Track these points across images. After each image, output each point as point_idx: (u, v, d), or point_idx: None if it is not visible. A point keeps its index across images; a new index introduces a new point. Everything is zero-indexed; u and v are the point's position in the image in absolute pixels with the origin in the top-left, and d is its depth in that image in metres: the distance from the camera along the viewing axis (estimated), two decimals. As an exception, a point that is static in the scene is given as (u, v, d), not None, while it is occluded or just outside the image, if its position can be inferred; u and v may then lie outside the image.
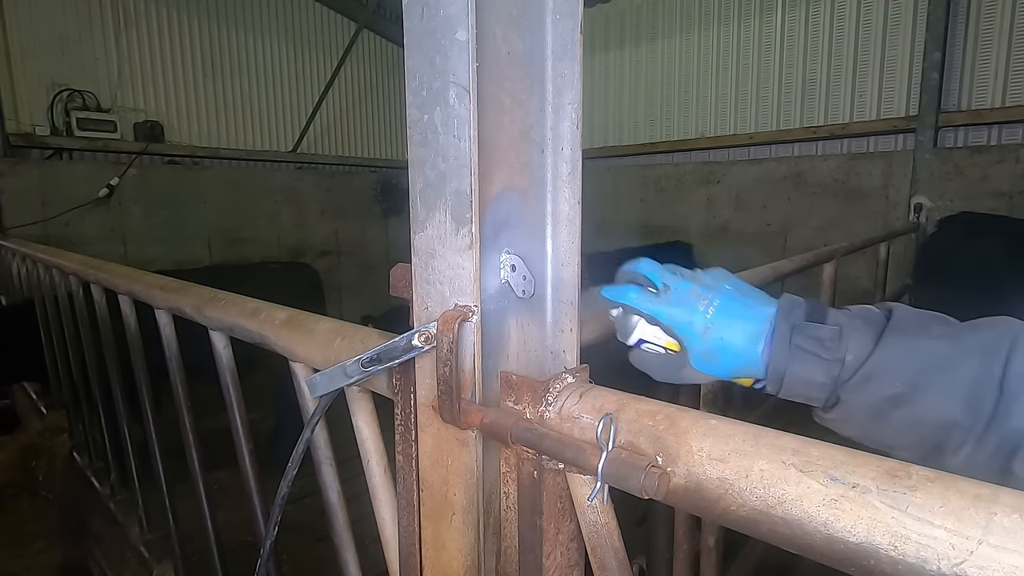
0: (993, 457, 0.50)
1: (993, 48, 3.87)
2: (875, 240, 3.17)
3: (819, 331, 0.56)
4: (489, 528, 0.64)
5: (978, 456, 0.50)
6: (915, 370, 0.52)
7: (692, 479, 0.46)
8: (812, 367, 0.55)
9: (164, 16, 5.30)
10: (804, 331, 0.56)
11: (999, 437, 0.49)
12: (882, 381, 0.53)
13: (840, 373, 0.55)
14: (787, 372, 0.57)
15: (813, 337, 0.56)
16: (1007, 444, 0.49)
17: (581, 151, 0.65)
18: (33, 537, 2.75)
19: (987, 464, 0.50)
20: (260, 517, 1.23)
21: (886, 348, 0.54)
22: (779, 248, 4.83)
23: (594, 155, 6.05)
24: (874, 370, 0.53)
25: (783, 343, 0.57)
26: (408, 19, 0.57)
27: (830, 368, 0.55)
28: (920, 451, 0.54)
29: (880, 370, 0.53)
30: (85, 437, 2.57)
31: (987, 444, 0.50)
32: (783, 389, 0.58)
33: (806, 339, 0.56)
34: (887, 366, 0.53)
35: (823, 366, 0.55)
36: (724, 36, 5.14)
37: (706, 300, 0.62)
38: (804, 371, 0.56)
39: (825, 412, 0.58)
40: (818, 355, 0.55)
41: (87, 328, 2.11)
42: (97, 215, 4.82)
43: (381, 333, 0.77)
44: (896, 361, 0.53)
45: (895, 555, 0.35)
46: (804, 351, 0.56)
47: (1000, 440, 0.49)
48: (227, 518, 1.60)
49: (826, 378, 0.55)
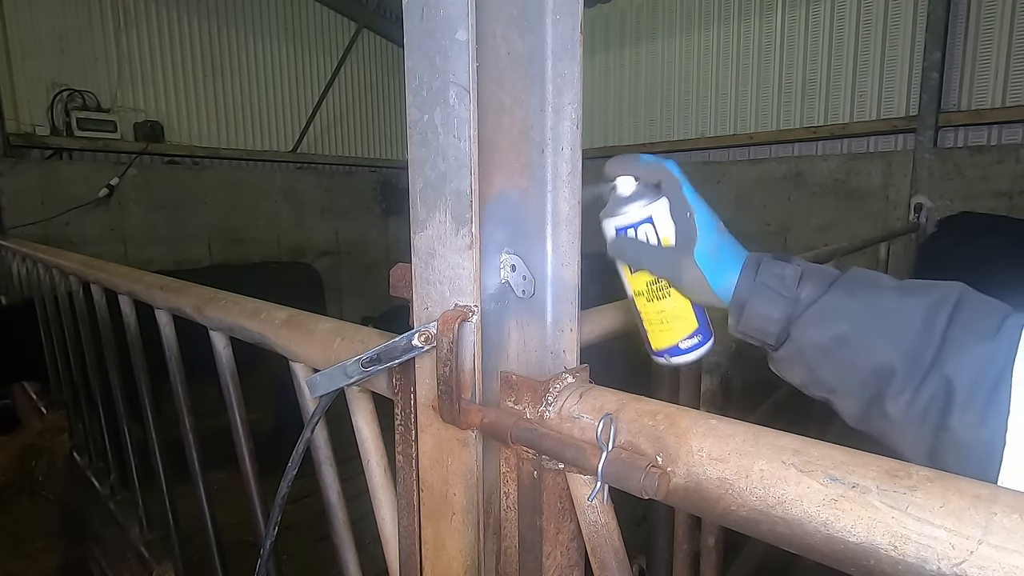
0: (928, 409, 0.51)
1: (993, 48, 3.87)
2: (875, 240, 3.17)
3: (782, 269, 0.60)
4: (489, 528, 0.64)
5: (915, 406, 0.52)
6: (862, 313, 0.55)
7: (692, 479, 0.46)
8: (770, 302, 0.59)
9: (164, 16, 5.30)
10: (769, 268, 0.60)
11: (933, 388, 0.51)
12: (830, 319, 0.56)
13: (794, 310, 0.58)
14: (747, 304, 0.60)
15: (776, 275, 0.60)
16: (940, 396, 0.50)
17: (581, 151, 0.65)
18: (33, 537, 2.75)
19: (923, 416, 0.51)
20: (260, 517, 1.23)
21: (838, 290, 0.57)
22: (779, 248, 4.82)
23: (594, 155, 6.04)
24: (825, 308, 0.57)
25: (748, 276, 0.61)
26: (408, 19, 0.57)
27: (786, 305, 0.58)
28: (862, 397, 0.55)
29: (830, 308, 0.56)
30: (85, 437, 2.57)
31: (923, 394, 0.51)
32: (742, 321, 0.61)
33: (769, 276, 0.60)
34: (837, 306, 0.56)
35: (780, 302, 0.59)
36: (724, 36, 5.14)
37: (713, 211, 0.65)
38: (763, 305, 0.59)
39: (776, 351, 0.61)
40: (777, 292, 0.59)
41: (87, 328, 2.11)
42: (97, 215, 4.81)
43: (381, 333, 0.77)
44: (846, 303, 0.56)
45: (895, 555, 0.35)
46: (766, 287, 0.60)
47: (934, 390, 0.51)
48: (227, 518, 1.60)
49: (781, 314, 0.58)
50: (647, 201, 0.64)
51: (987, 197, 3.84)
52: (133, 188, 4.99)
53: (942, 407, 0.50)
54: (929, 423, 0.51)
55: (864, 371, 0.54)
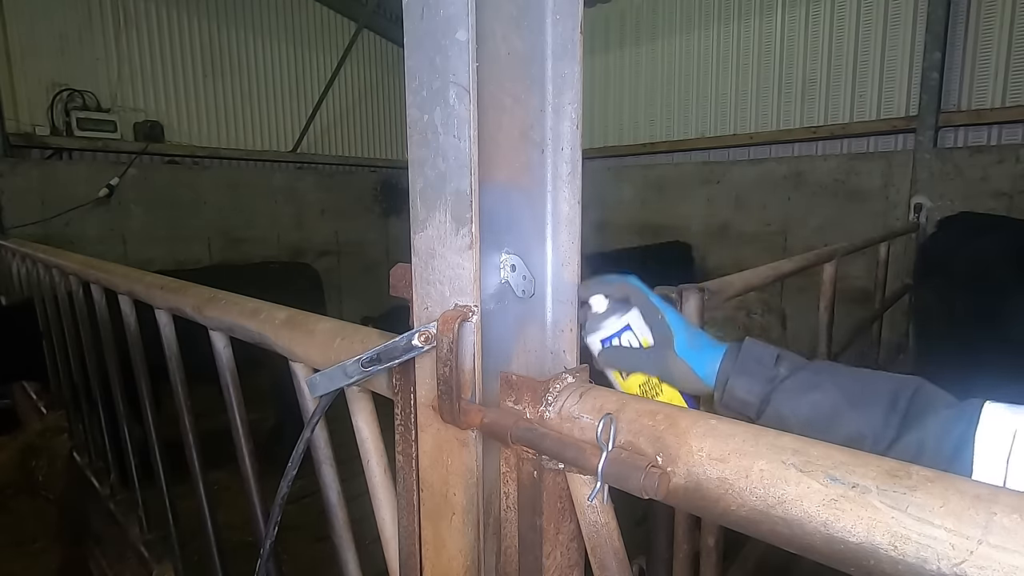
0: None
1: (993, 48, 3.87)
2: (875, 240, 3.17)
3: (761, 351, 0.69)
4: (489, 528, 0.64)
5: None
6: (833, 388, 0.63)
7: (692, 479, 0.46)
8: (752, 378, 0.67)
9: (164, 16, 5.30)
10: (749, 350, 0.69)
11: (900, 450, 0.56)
12: (805, 390, 0.64)
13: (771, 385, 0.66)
14: (730, 380, 0.68)
15: (755, 355, 0.68)
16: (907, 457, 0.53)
17: (581, 151, 0.65)
18: (33, 537, 2.75)
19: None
20: (260, 517, 1.23)
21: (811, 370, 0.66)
22: (779, 248, 4.82)
23: (594, 155, 6.04)
24: (800, 381, 0.65)
25: (731, 358, 0.69)
26: (408, 19, 0.57)
27: (765, 380, 0.66)
28: None
29: (805, 382, 0.64)
30: (85, 437, 2.57)
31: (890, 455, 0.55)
32: (725, 395, 0.68)
33: (749, 356, 0.68)
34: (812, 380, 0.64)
35: (760, 378, 0.67)
36: (724, 36, 5.14)
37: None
38: (745, 382, 0.67)
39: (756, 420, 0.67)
40: (758, 368, 0.67)
41: (87, 328, 2.11)
42: (97, 215, 4.81)
43: (381, 333, 0.77)
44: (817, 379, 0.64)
45: (895, 555, 0.35)
46: (746, 365, 0.68)
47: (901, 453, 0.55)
48: (227, 518, 1.60)
49: (761, 388, 0.66)
50: (622, 312, 0.72)
51: (987, 197, 3.84)
52: (133, 188, 4.99)
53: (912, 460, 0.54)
54: None
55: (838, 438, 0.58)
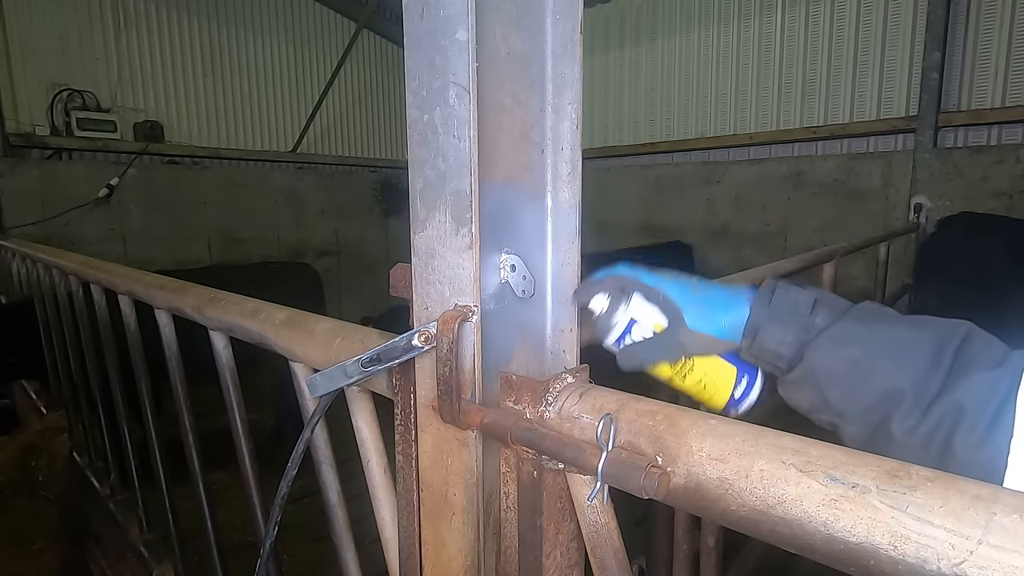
0: (934, 432, 0.52)
1: (993, 48, 3.87)
2: (875, 240, 3.17)
3: (796, 295, 0.62)
4: (489, 528, 0.64)
5: (921, 429, 0.53)
6: (875, 340, 0.57)
7: (692, 479, 0.46)
8: (784, 327, 0.61)
9: (164, 16, 5.29)
10: (784, 295, 0.62)
11: (941, 412, 0.52)
12: (844, 343, 0.58)
13: (807, 334, 0.60)
14: (761, 329, 0.62)
15: (790, 300, 0.62)
16: (948, 419, 0.52)
17: (581, 151, 0.65)
18: (33, 537, 2.75)
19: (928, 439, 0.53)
20: (260, 517, 1.23)
21: (851, 318, 0.59)
22: (779, 248, 4.82)
23: (594, 155, 6.04)
24: (838, 333, 0.58)
25: (763, 304, 0.63)
26: (408, 19, 0.57)
27: (799, 329, 0.60)
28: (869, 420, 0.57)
29: (843, 333, 0.58)
30: (85, 437, 2.57)
31: (930, 418, 0.53)
32: (755, 344, 0.62)
33: (783, 302, 0.62)
34: (850, 331, 0.58)
35: (794, 326, 0.60)
36: (724, 36, 5.14)
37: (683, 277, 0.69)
38: (777, 330, 0.61)
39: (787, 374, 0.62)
40: (791, 316, 0.61)
41: (87, 328, 2.11)
42: (97, 215, 4.81)
43: (381, 333, 0.77)
44: (859, 329, 0.58)
45: (895, 555, 0.35)
46: (780, 312, 0.61)
47: (942, 414, 0.52)
48: (227, 518, 1.61)
49: (795, 338, 0.60)
50: (624, 307, 0.68)
51: (987, 197, 3.84)
52: (133, 188, 4.99)
53: (948, 431, 0.52)
54: (934, 446, 0.53)
55: (874, 395, 0.56)
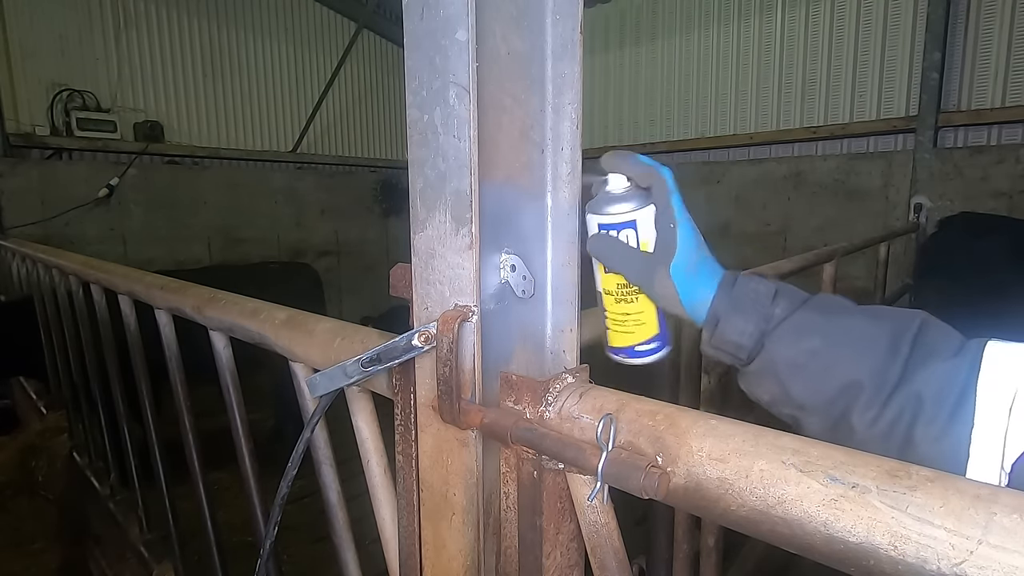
0: (894, 424, 0.53)
1: (993, 48, 3.87)
2: (875, 240, 3.17)
3: (756, 285, 0.62)
4: (489, 528, 0.64)
5: (881, 421, 0.53)
6: (833, 331, 0.58)
7: (692, 479, 0.46)
8: (745, 317, 0.61)
9: (164, 16, 5.29)
10: (744, 285, 0.62)
11: (900, 403, 0.53)
12: (803, 334, 0.58)
13: (768, 325, 0.60)
14: (722, 319, 0.62)
15: (751, 290, 0.61)
16: (907, 411, 0.52)
17: (581, 151, 0.65)
18: (33, 537, 2.75)
19: (888, 431, 0.53)
20: (260, 517, 1.23)
21: (810, 308, 0.60)
22: (779, 248, 4.82)
23: (594, 155, 5.97)
24: (798, 323, 0.59)
25: (725, 294, 0.62)
26: (408, 19, 0.57)
27: (760, 319, 0.60)
28: (830, 414, 0.57)
29: (803, 324, 0.59)
30: (85, 437, 2.57)
31: (889, 409, 0.53)
32: (715, 335, 0.62)
33: (744, 292, 0.62)
34: (809, 322, 0.59)
35: (754, 317, 0.60)
36: (724, 36, 5.14)
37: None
38: (738, 321, 0.61)
39: (747, 366, 0.62)
40: (752, 307, 0.61)
41: (87, 328, 2.11)
42: (97, 215, 4.81)
43: (381, 333, 0.77)
44: (818, 320, 0.59)
45: (895, 555, 0.35)
46: (741, 302, 0.61)
47: (901, 405, 0.53)
48: (227, 518, 1.60)
49: (755, 328, 0.60)
50: (635, 205, 0.63)
51: (987, 197, 3.84)
52: (133, 188, 4.99)
53: (908, 422, 0.52)
54: (895, 438, 0.53)
55: (834, 387, 0.56)
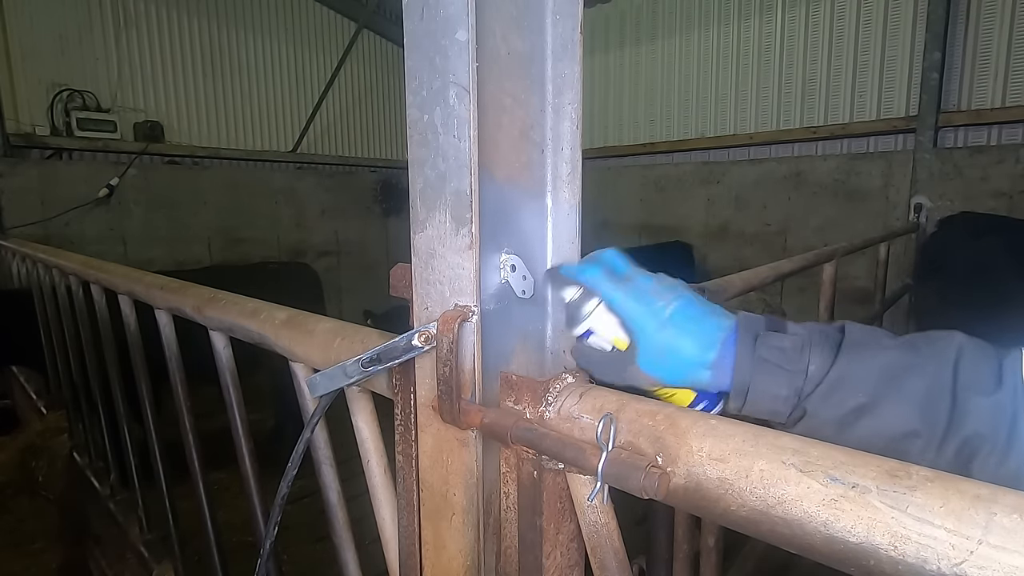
0: (951, 464, 0.50)
1: (993, 48, 3.87)
2: (875, 240, 3.17)
3: (781, 341, 0.55)
4: (489, 528, 0.64)
5: (939, 464, 0.51)
6: (875, 379, 0.52)
7: (692, 479, 0.46)
8: (777, 379, 0.54)
9: (164, 16, 5.29)
10: (767, 341, 0.55)
11: (956, 444, 0.50)
12: (846, 391, 0.52)
13: (804, 385, 0.54)
14: (751, 385, 0.55)
15: (776, 348, 0.54)
16: (964, 451, 0.50)
17: (581, 151, 0.65)
18: (33, 537, 2.75)
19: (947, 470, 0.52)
20: (260, 517, 1.23)
21: (847, 358, 0.53)
22: (779, 248, 4.82)
23: (594, 155, 6.04)
24: (838, 380, 0.53)
25: (747, 354, 0.55)
26: (408, 19, 0.57)
27: (793, 380, 0.54)
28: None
29: (843, 380, 0.53)
30: (85, 437, 2.57)
31: (946, 451, 0.51)
32: (747, 404, 0.55)
33: (769, 350, 0.54)
34: (850, 376, 0.53)
35: (787, 377, 0.54)
36: (724, 36, 5.14)
37: (665, 300, 0.59)
38: (769, 384, 0.54)
39: (789, 428, 0.55)
40: (781, 366, 0.54)
41: (87, 328, 2.11)
42: (97, 215, 4.81)
43: (381, 333, 0.77)
44: (857, 371, 0.53)
45: (895, 555, 0.35)
46: (768, 362, 0.54)
47: (958, 447, 0.50)
48: (227, 518, 1.60)
49: (790, 391, 0.54)
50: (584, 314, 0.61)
51: (987, 197, 3.84)
52: (133, 188, 4.99)
53: (965, 460, 0.50)
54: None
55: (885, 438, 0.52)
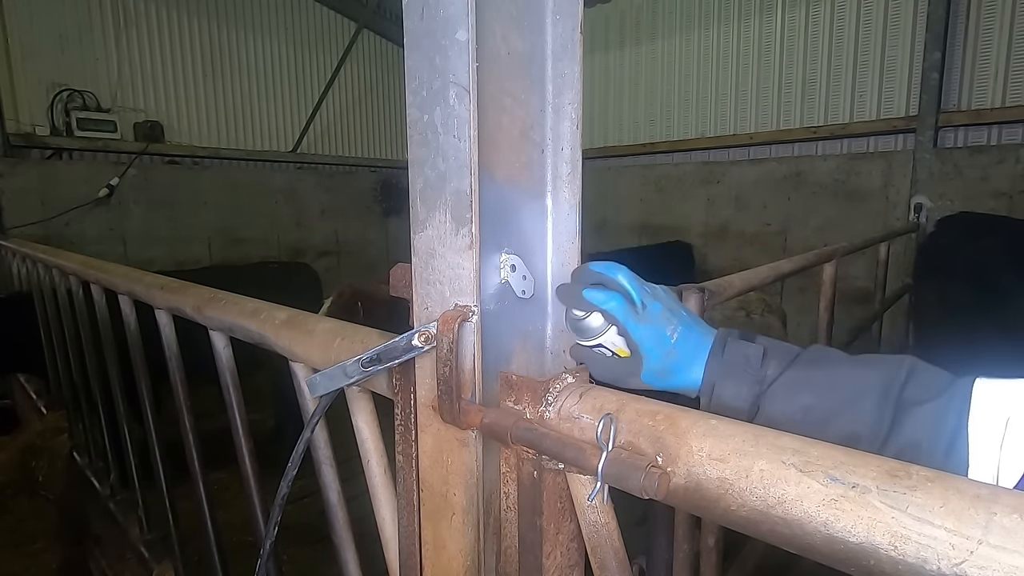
0: None
1: (993, 48, 3.87)
2: (875, 240, 3.17)
3: (746, 349, 0.64)
4: (489, 528, 0.64)
5: None
6: (823, 385, 0.60)
7: (692, 479, 0.46)
8: (739, 381, 0.63)
9: (164, 16, 5.30)
10: (734, 348, 0.64)
11: (896, 449, 0.55)
12: (795, 392, 0.61)
13: (761, 386, 0.62)
14: (716, 384, 0.64)
15: (741, 354, 0.64)
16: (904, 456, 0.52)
17: (581, 151, 0.65)
18: (33, 537, 2.75)
19: None
20: (260, 517, 1.23)
21: (801, 365, 0.62)
22: (779, 248, 4.82)
23: (594, 155, 6.04)
24: (789, 382, 0.61)
25: (716, 359, 0.65)
26: (408, 19, 0.57)
27: (753, 382, 0.63)
28: None
29: (794, 382, 0.61)
30: (85, 437, 2.57)
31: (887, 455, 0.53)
32: (713, 399, 0.64)
33: (735, 357, 0.64)
34: (800, 379, 0.61)
35: (747, 380, 0.63)
36: (724, 36, 5.14)
37: (672, 325, 0.66)
38: (731, 385, 0.63)
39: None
40: (743, 371, 0.63)
41: (87, 328, 2.11)
42: (97, 215, 4.81)
43: (381, 333, 0.77)
44: (807, 375, 0.61)
45: (895, 555, 0.35)
46: (733, 366, 0.63)
47: (896, 452, 0.54)
48: (227, 518, 1.60)
49: (749, 392, 0.63)
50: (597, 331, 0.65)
51: (987, 197, 3.85)
52: (133, 188, 4.99)
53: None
54: None
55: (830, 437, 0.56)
